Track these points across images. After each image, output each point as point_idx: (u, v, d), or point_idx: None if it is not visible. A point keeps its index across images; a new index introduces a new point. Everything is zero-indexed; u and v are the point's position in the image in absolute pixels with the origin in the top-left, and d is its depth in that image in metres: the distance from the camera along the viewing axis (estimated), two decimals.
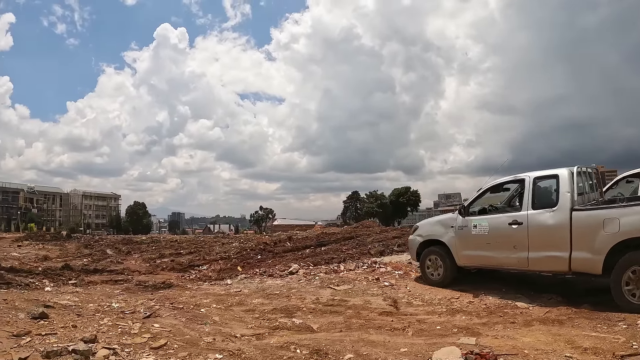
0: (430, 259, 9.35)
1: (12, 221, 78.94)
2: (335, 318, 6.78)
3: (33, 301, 7.47)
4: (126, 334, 5.52)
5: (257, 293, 8.84)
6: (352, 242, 18.32)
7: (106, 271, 13.26)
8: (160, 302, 7.83)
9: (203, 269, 14.32)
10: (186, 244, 23.41)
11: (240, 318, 6.83)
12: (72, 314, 6.62)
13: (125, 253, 19.66)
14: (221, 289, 9.70)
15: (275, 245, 19.49)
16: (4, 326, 5.60)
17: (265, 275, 11.27)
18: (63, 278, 11.03)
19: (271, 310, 7.31)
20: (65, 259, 17.12)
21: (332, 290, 8.79)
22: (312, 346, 4.95)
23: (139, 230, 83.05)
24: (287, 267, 12.09)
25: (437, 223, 9.53)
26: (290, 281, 10.13)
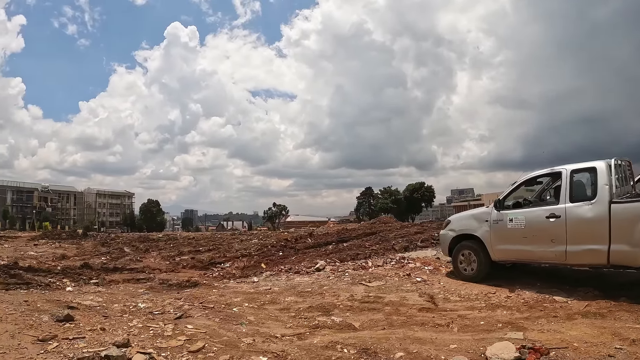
0: (464, 253, 9.14)
1: (27, 220, 79.55)
2: (375, 315, 6.59)
3: (55, 302, 7.19)
4: (160, 337, 5.20)
5: (288, 291, 8.60)
6: (374, 238, 17.95)
7: (126, 269, 13.03)
8: (189, 302, 7.56)
9: (226, 266, 14.02)
10: (204, 241, 23.20)
11: (276, 317, 6.58)
12: (98, 316, 6.29)
13: (143, 251, 19.45)
14: (249, 286, 9.45)
15: (297, 241, 19.25)
16: (28, 330, 5.26)
17: (291, 272, 11.02)
18: (84, 277, 10.73)
19: (307, 308, 7.07)
20: (83, 258, 16.91)
21: (365, 287, 8.57)
22: (358, 345, 4.81)
23: (153, 228, 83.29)
24: (313, 263, 11.83)
25: (471, 217, 9.32)
26: (319, 278, 9.84)
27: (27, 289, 8.70)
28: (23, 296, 7.74)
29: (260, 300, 7.72)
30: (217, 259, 15.86)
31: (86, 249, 20.63)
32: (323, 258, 12.81)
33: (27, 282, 9.70)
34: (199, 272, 13.13)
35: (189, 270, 13.63)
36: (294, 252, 16.32)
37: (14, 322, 5.58)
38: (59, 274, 11.33)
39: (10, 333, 5.10)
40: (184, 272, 13.10)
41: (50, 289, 8.90)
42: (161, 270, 13.30)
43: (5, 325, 5.40)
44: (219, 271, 13.07)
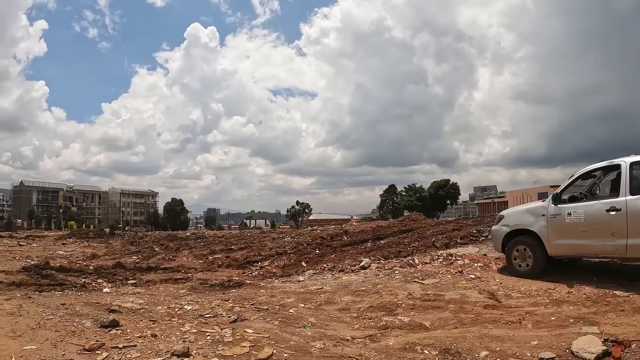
0: (518, 249, 8.96)
1: (53, 219, 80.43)
2: (441, 314, 6.37)
3: (94, 305, 6.75)
4: (220, 343, 4.74)
5: (341, 290, 8.26)
6: (411, 235, 17.46)
7: (160, 269, 12.62)
8: (239, 303, 7.10)
9: (264, 265, 13.55)
10: (234, 240, 22.80)
11: (338, 318, 6.28)
12: (144, 320, 5.81)
13: (174, 250, 19.03)
14: (296, 286, 9.11)
15: (332, 239, 18.75)
16: (70, 338, 4.76)
17: (335, 270, 10.72)
18: (119, 278, 10.30)
19: (367, 308, 6.77)
20: (113, 257, 16.58)
21: (420, 285, 8.35)
22: (437, 345, 4.70)
23: (177, 227, 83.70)
24: (356, 261, 11.52)
25: (526, 212, 9.09)
26: (368, 276, 9.52)
27: (61, 291, 8.30)
28: (59, 298, 7.33)
29: (315, 301, 7.39)
30: (252, 258, 15.38)
31: (115, 248, 20.29)
32: (364, 256, 12.48)
33: (61, 282, 9.27)
34: (237, 271, 12.75)
35: (226, 269, 13.21)
36: (331, 250, 15.95)
37: (54, 329, 5.11)
38: (92, 274, 10.97)
39: (52, 341, 4.60)
40: (220, 271, 12.68)
41: (87, 290, 8.45)
42: (197, 269, 12.87)
43: (45, 333, 4.90)
44: (257, 270, 12.67)
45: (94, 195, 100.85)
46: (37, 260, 14.43)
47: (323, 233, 20.45)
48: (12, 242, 22.72)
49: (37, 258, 14.97)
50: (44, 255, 16.13)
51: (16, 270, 11.23)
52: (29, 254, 16.15)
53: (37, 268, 11.50)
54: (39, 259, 14.77)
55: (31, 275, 10.55)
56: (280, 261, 13.98)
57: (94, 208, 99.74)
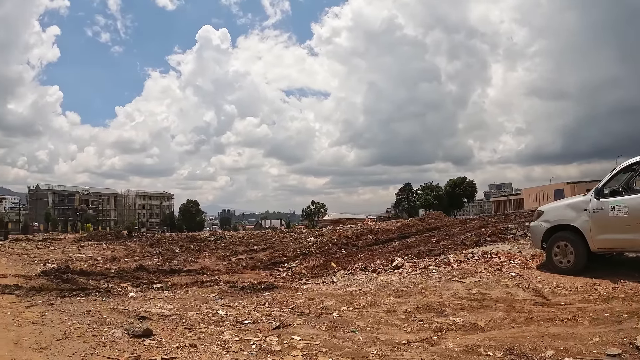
0: (559, 245, 8.73)
1: (69, 222, 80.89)
2: (493, 313, 6.13)
3: (122, 311, 6.33)
4: (268, 353, 4.37)
5: (381, 291, 7.94)
6: (437, 234, 16.79)
7: (184, 271, 12.25)
8: (277, 307, 6.70)
9: (292, 266, 13.13)
10: (255, 240, 22.43)
11: (387, 321, 5.99)
12: (178, 327, 5.40)
13: (195, 251, 18.70)
14: (332, 287, 8.80)
15: (357, 238, 18.22)
16: (101, 350, 4.36)
17: (367, 270, 10.41)
18: (143, 281, 9.91)
19: (414, 309, 6.51)
20: (134, 259, 16.25)
21: (462, 284, 8.12)
22: (499, 346, 4.56)
23: (193, 228, 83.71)
24: (388, 261, 11.23)
25: (567, 207, 8.92)
26: (404, 276, 9.24)
27: (84, 296, 7.92)
28: (83, 304, 6.94)
29: (357, 303, 7.07)
30: (277, 259, 15.01)
31: (135, 250, 20.02)
32: (394, 255, 12.18)
33: (83, 287, 8.89)
34: (263, 272, 12.40)
35: (252, 270, 12.87)
36: (357, 249, 15.47)
37: (82, 339, 4.72)
38: (115, 277, 10.66)
39: (81, 354, 4.20)
40: (247, 273, 12.34)
41: (111, 295, 8.06)
42: (221, 271, 12.47)
43: (73, 344, 4.49)
44: (285, 271, 12.30)
45: (109, 197, 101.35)
46: (56, 263, 14.13)
47: (348, 232, 20.00)
48: (29, 245, 22.57)
49: (56, 261, 14.69)
50: (62, 258, 15.86)
51: (35, 274, 10.91)
52: (47, 257, 15.88)
53: (57, 272, 11.15)
54: (58, 262, 14.48)
55: (51, 279, 10.19)
56: (309, 262, 13.52)
57: (109, 210, 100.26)
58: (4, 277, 10.13)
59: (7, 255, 16.52)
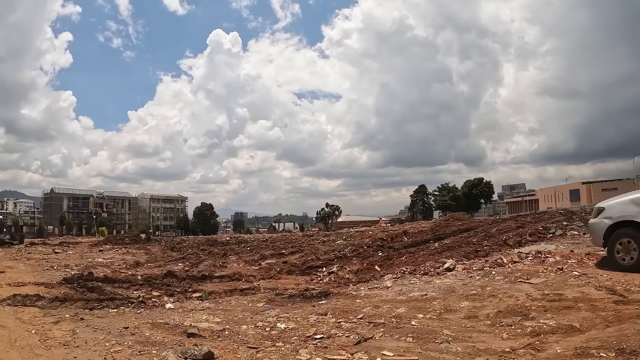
0: (622, 242, 8.53)
1: (84, 225, 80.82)
2: (580, 314, 5.91)
3: (164, 327, 5.58)
4: None
5: (449, 295, 7.62)
6: (475, 234, 16.34)
7: (215, 277, 11.53)
8: (342, 317, 6.18)
9: (333, 270, 12.33)
10: (280, 243, 21.70)
11: (474, 327, 5.65)
12: (240, 346, 4.72)
13: (221, 255, 17.81)
14: (390, 293, 8.40)
15: (393, 240, 17.51)
16: None
17: (417, 273, 10.14)
18: (176, 289, 9.07)
19: (496, 313, 6.17)
20: (157, 264, 15.48)
21: (530, 285, 7.89)
22: (607, 347, 4.35)
23: (207, 231, 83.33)
24: (438, 262, 10.96)
25: (630, 203, 8.65)
26: (462, 278, 9.03)
27: (116, 308, 7.12)
28: (116, 318, 6.13)
29: (430, 309, 6.69)
30: (311, 262, 14.22)
31: (156, 255, 19.26)
32: (438, 257, 11.98)
33: (111, 297, 8.06)
34: (302, 277, 11.82)
35: (288, 276, 12.17)
36: (394, 251, 14.84)
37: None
38: (144, 284, 9.89)
39: None
40: (284, 278, 11.70)
41: (146, 306, 7.25)
42: (256, 277, 11.75)
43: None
44: (326, 276, 11.72)
45: (123, 201, 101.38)
46: (77, 269, 13.35)
47: (382, 234, 19.14)
48: (46, 249, 21.81)
49: (76, 267, 13.92)
50: (82, 263, 15.06)
51: (57, 281, 10.14)
52: (66, 262, 15.10)
53: (80, 279, 10.33)
54: (79, 267, 13.70)
55: (75, 288, 9.36)
56: (352, 266, 12.80)
57: (124, 214, 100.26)
58: (23, 286, 9.35)
59: (24, 260, 15.77)
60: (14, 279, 10.49)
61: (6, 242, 24.04)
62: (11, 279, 10.47)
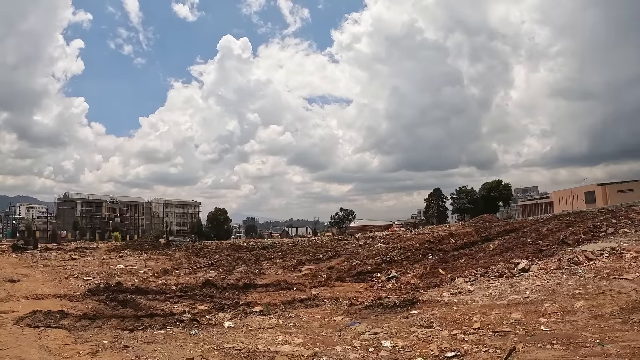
0: None
1: (97, 231, 79.79)
2: None
3: (236, 355, 4.35)
4: None
5: (551, 296, 7.12)
6: (525, 235, 15.81)
7: (260, 286, 10.57)
8: (456, 328, 5.44)
9: (392, 275, 11.73)
10: (312, 248, 20.32)
11: (609, 327, 5.25)
12: None
13: (253, 261, 16.42)
14: (481, 297, 7.78)
15: (440, 243, 16.85)
16: None
17: (490, 275, 9.90)
18: (226, 302, 7.68)
19: (619, 310, 5.86)
20: (186, 271, 14.22)
21: (627, 281, 7.56)
22: None
23: (221, 236, 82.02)
24: (509, 264, 10.71)
25: None
26: (547, 278, 8.52)
27: (162, 328, 5.71)
28: (169, 344, 4.80)
29: (549, 312, 6.21)
30: (357, 268, 13.61)
31: (181, 261, 17.89)
32: (496, 257, 12.10)
33: (151, 313, 6.68)
34: (358, 284, 11.31)
35: (342, 283, 11.55)
36: (444, 254, 14.64)
37: None
38: (183, 296, 8.59)
39: None
40: (339, 285, 11.04)
41: (199, 325, 5.79)
42: (304, 284, 10.90)
43: None
44: (385, 282, 11.25)
45: (137, 206, 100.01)
46: (100, 277, 12.03)
47: (429, 237, 17.77)
48: (62, 255, 20.31)
49: (98, 274, 12.59)
50: (104, 270, 13.69)
51: (81, 293, 8.81)
52: (86, 270, 13.71)
53: (107, 290, 8.97)
54: (102, 275, 12.38)
55: (104, 301, 8.00)
56: (415, 270, 12.32)
57: (137, 219, 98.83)
58: (43, 299, 7.99)
59: (41, 267, 14.35)
60: (31, 289, 9.14)
61: (20, 248, 22.71)
62: (28, 289, 9.11)
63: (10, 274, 12.07)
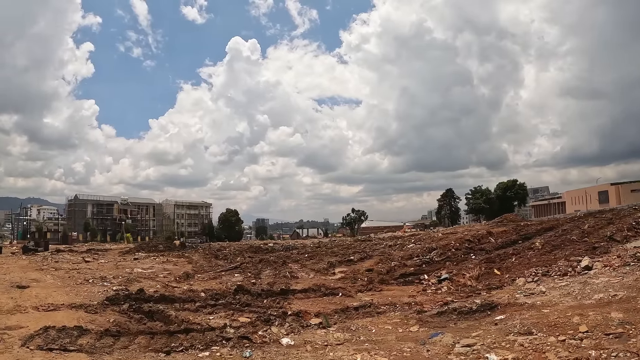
0: None
1: (108, 232, 79.09)
2: None
3: None
4: None
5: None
6: (566, 232, 15.37)
7: (298, 291, 9.46)
8: (560, 333, 4.93)
9: (443, 277, 11.23)
10: (337, 249, 19.30)
11: None
12: None
13: (280, 264, 15.35)
14: (561, 297, 7.23)
15: (480, 242, 16.17)
16: None
17: (553, 274, 9.77)
18: (272, 313, 6.53)
19: None
20: (209, 275, 13.22)
21: None
22: None
23: (232, 237, 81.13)
24: (569, 261, 10.59)
25: None
26: (621, 275, 8.21)
27: (205, 348, 4.52)
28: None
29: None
30: (399, 270, 12.89)
31: (201, 263, 16.89)
32: (550, 256, 11.89)
33: (186, 327, 5.51)
34: (408, 287, 10.76)
35: (389, 286, 10.85)
36: (486, 253, 14.23)
37: None
38: (216, 305, 7.45)
39: None
40: (387, 289, 10.33)
41: (252, 343, 4.66)
42: (345, 288, 9.95)
43: None
44: (435, 284, 10.76)
45: (148, 207, 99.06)
46: (117, 283, 10.97)
47: (468, 236, 16.83)
48: (74, 257, 19.23)
49: (115, 279, 11.56)
50: (120, 274, 12.63)
51: (99, 302, 7.68)
52: (101, 274, 12.64)
53: (128, 298, 7.82)
54: (119, 280, 11.31)
55: (127, 312, 6.87)
56: (471, 271, 11.67)
57: (148, 220, 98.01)
58: (55, 311, 6.86)
59: (52, 271, 13.30)
60: (42, 298, 8.04)
61: (30, 250, 21.75)
62: (39, 298, 8.02)
63: (19, 278, 11.00)
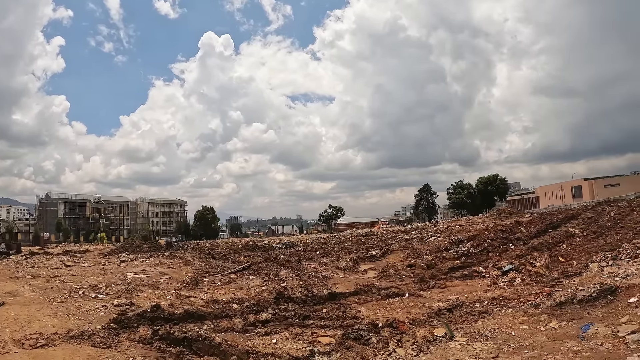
0: None
1: (81, 232, 75.94)
2: None
3: None
4: None
5: None
6: (593, 221, 15.21)
7: (348, 294, 8.12)
8: None
9: (506, 269, 10.80)
10: (350, 244, 18.94)
11: None
12: None
13: (295, 263, 13.85)
14: None
15: (512, 232, 16.08)
16: None
17: (623, 257, 9.64)
18: (361, 328, 4.56)
19: None
20: (219, 279, 11.48)
21: None
22: None
23: (209, 236, 79.14)
24: (636, 244, 10.49)
25: None
26: None
27: None
28: None
29: None
30: (442, 264, 12.53)
31: (200, 265, 15.01)
32: (598, 242, 11.92)
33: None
34: (470, 281, 10.40)
35: (451, 282, 10.36)
36: (523, 242, 14.30)
37: None
38: (272, 322, 5.57)
39: None
40: (453, 285, 9.93)
41: None
42: (399, 287, 9.13)
43: None
44: (500, 277, 10.42)
45: (121, 205, 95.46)
46: (113, 293, 8.97)
47: (498, 227, 16.42)
48: (52, 261, 16.63)
49: (108, 288, 9.56)
50: (112, 282, 10.56)
51: (102, 325, 5.61)
52: (89, 282, 10.53)
53: (142, 319, 5.76)
54: (114, 290, 9.30)
55: (152, 340, 4.82)
56: (541, 260, 11.45)
57: (122, 219, 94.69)
58: (50, 347, 4.76)
59: (30, 279, 11.02)
60: (24, 323, 5.92)
61: (2, 253, 19.16)
62: (19, 323, 5.89)
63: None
